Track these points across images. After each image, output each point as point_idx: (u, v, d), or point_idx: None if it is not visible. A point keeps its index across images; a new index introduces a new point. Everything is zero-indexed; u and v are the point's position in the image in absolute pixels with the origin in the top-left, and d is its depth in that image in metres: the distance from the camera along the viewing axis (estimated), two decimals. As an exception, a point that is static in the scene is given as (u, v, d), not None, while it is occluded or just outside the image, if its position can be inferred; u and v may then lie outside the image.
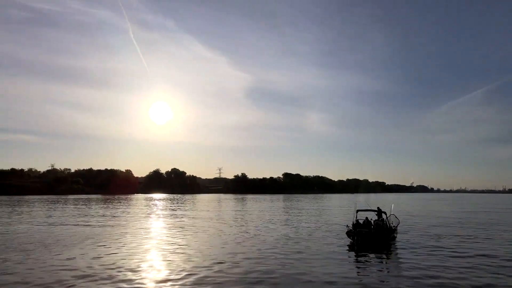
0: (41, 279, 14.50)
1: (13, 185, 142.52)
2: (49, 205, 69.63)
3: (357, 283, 14.44)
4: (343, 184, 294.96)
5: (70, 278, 14.60)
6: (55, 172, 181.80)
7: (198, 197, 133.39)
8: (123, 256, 19.07)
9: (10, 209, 56.95)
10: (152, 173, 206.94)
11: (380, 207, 28.02)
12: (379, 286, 14.05)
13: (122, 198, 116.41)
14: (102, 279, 14.54)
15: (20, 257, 18.74)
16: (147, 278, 14.79)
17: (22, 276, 14.96)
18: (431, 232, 29.96)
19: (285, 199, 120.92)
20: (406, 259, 19.18)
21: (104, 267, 16.52)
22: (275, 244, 23.39)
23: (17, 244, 23.12)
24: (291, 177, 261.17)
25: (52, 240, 25.03)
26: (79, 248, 21.55)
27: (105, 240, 25.01)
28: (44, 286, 13.65)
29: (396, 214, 28.00)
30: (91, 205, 71.07)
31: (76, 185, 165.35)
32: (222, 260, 18.08)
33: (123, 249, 21.27)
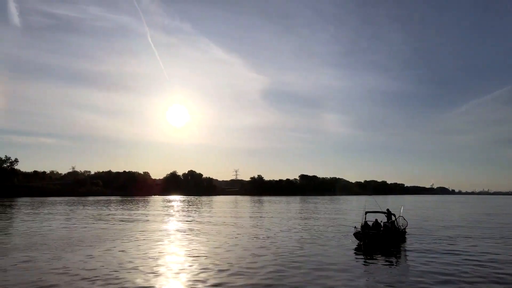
0: (60, 275, 15.01)
1: (36, 187, 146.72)
2: (70, 207, 71.48)
3: (360, 286, 14.32)
4: (360, 186, 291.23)
5: (89, 276, 15.09)
6: (75, 174, 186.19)
7: (215, 199, 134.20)
8: (141, 255, 19.55)
9: (33, 210, 58.72)
10: (169, 175, 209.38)
11: (389, 209, 27.68)
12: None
13: (140, 199, 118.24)
14: (117, 277, 14.92)
15: (43, 255, 19.57)
16: (164, 278, 15.12)
17: (43, 273, 15.58)
18: (443, 235, 29.44)
19: (301, 200, 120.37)
20: (413, 261, 18.92)
21: (121, 266, 17.02)
22: (285, 245, 23.47)
23: (40, 242, 24.10)
24: (308, 178, 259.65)
25: (74, 239, 26.01)
26: (99, 247, 22.28)
27: (123, 239, 25.71)
28: (63, 281, 14.12)
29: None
30: (110, 207, 72.58)
31: (96, 187, 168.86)
32: (235, 260, 18.33)
33: (142, 249, 21.81)
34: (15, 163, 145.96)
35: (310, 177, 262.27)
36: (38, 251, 21.29)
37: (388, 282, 14.93)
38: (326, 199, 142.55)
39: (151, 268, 16.94)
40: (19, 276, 15.42)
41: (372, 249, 22.05)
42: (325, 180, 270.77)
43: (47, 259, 18.81)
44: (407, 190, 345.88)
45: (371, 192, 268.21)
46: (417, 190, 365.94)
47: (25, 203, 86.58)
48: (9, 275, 15.63)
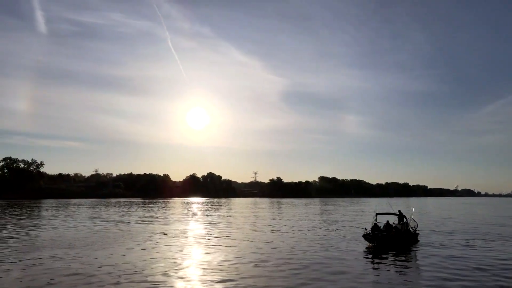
0: (81, 272, 15.64)
1: (60, 189, 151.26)
2: (93, 208, 73.43)
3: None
4: (381, 188, 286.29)
5: (111, 272, 15.69)
6: (98, 176, 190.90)
7: (234, 201, 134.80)
8: (161, 255, 20.07)
9: (59, 212, 60.68)
10: (188, 177, 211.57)
11: (401, 211, 27.32)
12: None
13: (160, 202, 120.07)
14: (136, 276, 15.40)
15: (68, 253, 20.65)
16: (184, 277, 15.48)
17: (70, 269, 16.38)
18: (459, 238, 28.82)
19: (320, 203, 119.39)
20: (423, 264, 18.62)
21: (142, 264, 17.62)
22: (294, 247, 23.52)
23: (65, 241, 25.36)
24: (327, 180, 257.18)
25: (96, 238, 27.13)
26: (120, 246, 23.03)
27: (144, 239, 26.45)
28: (87, 276, 14.73)
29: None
30: (131, 208, 74.13)
31: (117, 189, 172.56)
32: (249, 260, 18.70)
33: (162, 248, 22.41)
34: (41, 166, 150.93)
35: (330, 179, 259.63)
36: (63, 249, 22.47)
37: (394, 285, 14.76)
38: (346, 201, 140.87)
39: (170, 267, 17.37)
40: (44, 271, 16.30)
41: (381, 251, 21.79)
42: (344, 182, 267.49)
43: (70, 257, 19.84)
44: (430, 192, 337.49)
45: (392, 194, 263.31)
46: (441, 193, 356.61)
47: (51, 204, 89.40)
48: (36, 271, 16.52)
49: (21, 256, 20.20)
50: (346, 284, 14.76)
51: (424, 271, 17.21)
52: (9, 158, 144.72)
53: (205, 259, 19.75)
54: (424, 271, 17.21)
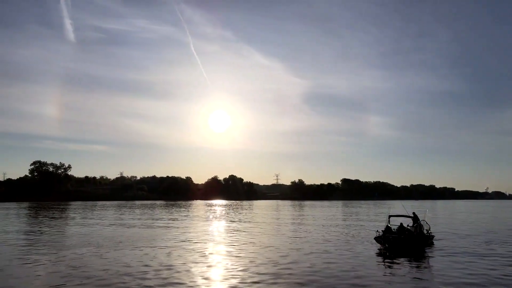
0: (108, 270, 16.13)
1: (87, 192, 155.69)
2: (118, 210, 75.18)
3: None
4: (406, 190, 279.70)
5: (138, 270, 16.17)
6: (122, 179, 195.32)
7: (255, 204, 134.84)
8: (185, 255, 20.45)
9: (86, 213, 62.49)
10: (210, 180, 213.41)
11: (416, 213, 26.85)
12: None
13: (182, 204, 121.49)
14: (160, 274, 15.73)
15: (95, 252, 21.45)
16: (205, 277, 15.72)
17: (98, 267, 17.03)
18: (480, 240, 27.86)
19: (342, 205, 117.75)
20: (435, 268, 18.17)
21: (165, 263, 18.00)
22: (306, 249, 23.43)
23: (94, 241, 26.33)
24: (350, 183, 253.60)
25: (122, 238, 28.02)
26: (146, 246, 23.69)
27: (168, 239, 27.08)
28: (109, 275, 15.17)
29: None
30: (155, 210, 75.37)
31: (141, 191, 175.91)
32: (262, 259, 18.70)
33: (184, 248, 22.85)
34: (68, 169, 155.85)
35: (353, 181, 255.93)
36: (91, 248, 23.34)
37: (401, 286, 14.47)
38: (369, 204, 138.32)
39: (191, 266, 17.68)
40: (73, 269, 16.98)
41: (393, 254, 21.45)
42: (368, 184, 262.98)
43: (98, 256, 20.63)
44: (458, 194, 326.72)
45: (418, 197, 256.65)
46: (470, 195, 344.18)
47: (78, 206, 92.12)
48: (67, 268, 17.26)
49: (53, 254, 21.28)
50: (350, 286, 14.64)
51: (435, 275, 16.77)
52: (39, 162, 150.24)
53: (224, 259, 19.98)
54: (435, 275, 16.77)
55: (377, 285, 14.75)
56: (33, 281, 15.20)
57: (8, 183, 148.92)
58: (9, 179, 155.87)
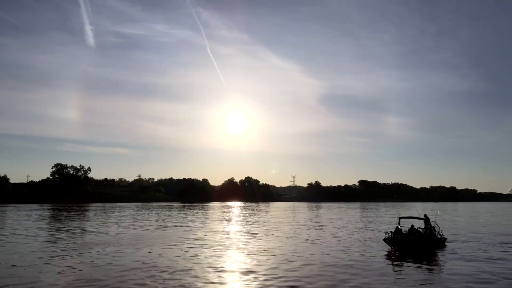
0: (128, 269, 16.59)
1: (106, 194, 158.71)
2: (137, 211, 76.38)
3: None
4: (425, 192, 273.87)
5: (155, 269, 16.71)
6: (140, 181, 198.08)
7: (271, 205, 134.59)
8: (200, 254, 20.81)
9: (106, 214, 63.83)
10: (226, 182, 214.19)
11: (427, 215, 26.61)
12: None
13: (199, 205, 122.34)
14: (178, 274, 16.03)
15: (115, 251, 22.29)
16: (220, 278, 15.87)
17: (118, 266, 17.82)
18: (493, 244, 27.05)
19: (360, 207, 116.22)
20: (444, 269, 17.90)
21: (183, 262, 18.63)
22: (315, 251, 23.41)
23: (112, 241, 27.43)
24: (367, 184, 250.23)
25: (140, 238, 28.89)
26: (163, 245, 24.51)
27: (185, 240, 27.81)
28: (130, 273, 15.67)
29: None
30: (172, 212, 76.20)
31: (158, 193, 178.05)
32: (274, 260, 18.78)
33: (201, 248, 23.36)
34: (88, 172, 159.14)
35: (370, 182, 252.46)
36: (111, 247, 24.34)
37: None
38: (387, 205, 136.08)
39: (207, 266, 17.93)
40: (94, 267, 17.79)
41: (402, 256, 21.29)
42: (386, 185, 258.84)
43: (117, 254, 21.55)
44: (480, 196, 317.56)
45: (438, 199, 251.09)
46: (492, 197, 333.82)
47: (98, 208, 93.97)
48: (89, 266, 18.12)
49: (75, 252, 22.43)
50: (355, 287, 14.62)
51: (441, 277, 16.53)
52: (60, 164, 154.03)
53: (240, 259, 20.22)
54: (441, 277, 16.53)
55: (381, 287, 14.66)
56: (59, 278, 15.87)
57: (31, 185, 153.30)
58: (32, 181, 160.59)
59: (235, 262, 19.39)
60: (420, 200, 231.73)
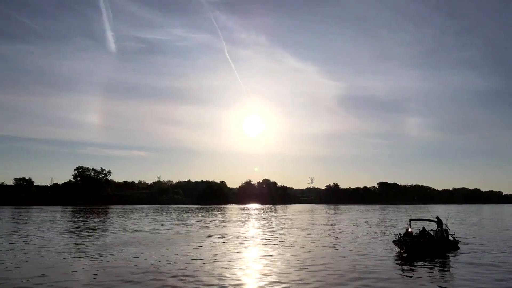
0: (146, 268, 17.08)
1: (125, 196, 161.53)
2: (156, 213, 77.40)
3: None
4: (448, 194, 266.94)
5: (175, 268, 17.34)
6: (159, 184, 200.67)
7: (289, 208, 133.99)
8: (219, 255, 21.21)
9: (126, 216, 64.99)
10: (244, 184, 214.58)
11: (439, 217, 26.25)
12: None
13: (217, 208, 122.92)
14: (196, 273, 16.26)
15: (135, 251, 23.06)
16: (237, 276, 15.98)
17: (139, 265, 18.55)
18: (507, 246, 26.55)
19: (379, 209, 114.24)
20: (454, 273, 17.53)
21: (202, 262, 19.27)
22: (329, 251, 23.68)
23: (136, 242, 28.23)
24: (387, 186, 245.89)
25: (160, 239, 29.71)
26: (183, 246, 25.31)
27: (204, 241, 28.40)
28: (153, 272, 16.46)
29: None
30: (190, 214, 76.88)
31: (177, 195, 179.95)
32: (283, 261, 18.71)
33: (220, 249, 24.05)
34: (108, 174, 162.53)
35: (390, 184, 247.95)
36: (131, 247, 25.29)
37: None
38: (408, 208, 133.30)
39: (226, 267, 18.19)
40: (114, 266, 18.54)
41: (411, 258, 21.17)
42: (406, 187, 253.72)
43: (138, 254, 22.35)
44: (506, 199, 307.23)
45: (461, 201, 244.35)
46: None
47: (118, 209, 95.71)
48: (107, 265, 18.84)
49: (98, 252, 23.27)
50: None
51: (448, 280, 16.28)
52: (81, 167, 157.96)
53: (257, 260, 20.39)
54: (448, 280, 16.28)
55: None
56: (85, 276, 16.68)
57: (54, 188, 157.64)
58: (55, 183, 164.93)
59: (254, 265, 19.50)
60: (442, 203, 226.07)
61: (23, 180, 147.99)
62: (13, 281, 15.60)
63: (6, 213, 74.92)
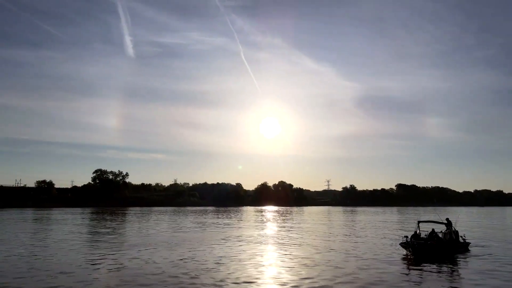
0: (164, 268, 17.74)
1: (142, 198, 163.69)
2: (173, 215, 78.17)
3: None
4: (469, 196, 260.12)
5: (192, 269, 18.03)
6: (176, 186, 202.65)
7: (305, 210, 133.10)
8: (235, 257, 21.59)
9: (143, 218, 65.92)
10: (260, 186, 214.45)
11: (449, 219, 26.05)
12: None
13: (233, 210, 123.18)
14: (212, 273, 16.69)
15: (152, 251, 24.01)
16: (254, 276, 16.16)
17: (157, 265, 19.45)
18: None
19: (398, 212, 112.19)
20: (458, 274, 17.42)
21: (218, 263, 20.00)
22: (337, 253, 23.78)
23: (150, 242, 29.26)
24: (406, 188, 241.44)
25: (177, 240, 30.50)
26: (200, 247, 26.29)
27: (220, 242, 29.31)
28: (171, 271, 16.98)
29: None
30: (207, 215, 77.31)
31: (193, 198, 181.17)
32: (290, 263, 18.57)
33: (236, 250, 24.80)
34: (126, 177, 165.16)
35: (409, 186, 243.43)
36: (148, 248, 26.10)
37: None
38: (428, 210, 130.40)
39: (242, 267, 18.76)
40: (133, 267, 19.35)
41: (417, 260, 21.05)
42: (426, 189, 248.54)
43: (155, 255, 23.03)
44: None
45: (483, 203, 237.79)
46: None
47: (136, 211, 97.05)
48: (126, 266, 19.63)
49: (117, 253, 24.08)
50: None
51: (454, 282, 16.08)
52: (100, 170, 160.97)
53: (273, 261, 20.73)
54: (454, 282, 16.08)
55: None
56: (106, 275, 17.39)
57: (74, 190, 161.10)
58: (75, 186, 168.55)
59: (270, 267, 19.70)
60: (463, 205, 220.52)
61: (44, 182, 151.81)
62: (37, 277, 16.59)
63: (29, 214, 77.05)
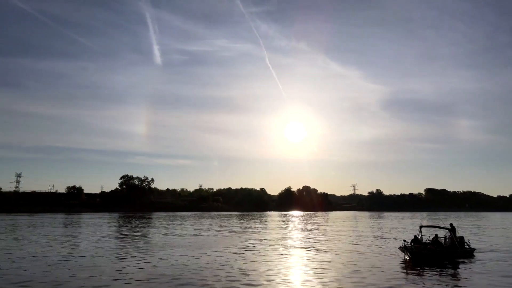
0: (188, 268, 19.04)
1: (167, 203, 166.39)
2: (197, 220, 78.96)
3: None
4: (504, 201, 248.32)
5: (216, 269, 19.05)
6: (200, 191, 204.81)
7: (330, 215, 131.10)
8: (255, 260, 22.00)
9: (169, 222, 67.07)
10: (284, 191, 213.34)
11: (453, 224, 25.64)
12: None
13: (256, 215, 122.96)
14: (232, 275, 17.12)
15: (176, 253, 25.10)
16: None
17: (182, 266, 20.50)
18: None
19: (427, 217, 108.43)
20: (456, 279, 17.12)
21: (242, 265, 20.57)
22: (339, 257, 23.81)
23: (180, 245, 30.65)
24: (435, 193, 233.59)
25: (201, 243, 31.54)
26: (224, 250, 27.24)
27: (244, 245, 30.19)
28: (196, 272, 18.18)
29: None
30: (230, 220, 77.59)
31: (217, 203, 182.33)
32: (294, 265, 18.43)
33: (258, 254, 25.44)
34: (151, 182, 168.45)
35: (438, 191, 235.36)
36: (173, 250, 27.42)
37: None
38: (459, 215, 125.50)
39: (264, 270, 19.22)
40: (156, 267, 20.39)
41: (416, 264, 20.90)
42: (456, 194, 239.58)
43: (178, 256, 24.16)
44: None
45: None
46: None
47: (161, 216, 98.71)
48: (150, 266, 20.63)
49: (145, 254, 25.40)
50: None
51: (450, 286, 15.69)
52: (127, 176, 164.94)
53: (297, 265, 20.88)
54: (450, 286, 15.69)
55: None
56: (135, 274, 18.33)
57: (102, 195, 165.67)
58: (103, 191, 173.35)
59: (295, 270, 19.95)
60: (498, 210, 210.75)
61: (74, 188, 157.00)
62: (68, 277, 17.82)
63: (60, 219, 79.77)
